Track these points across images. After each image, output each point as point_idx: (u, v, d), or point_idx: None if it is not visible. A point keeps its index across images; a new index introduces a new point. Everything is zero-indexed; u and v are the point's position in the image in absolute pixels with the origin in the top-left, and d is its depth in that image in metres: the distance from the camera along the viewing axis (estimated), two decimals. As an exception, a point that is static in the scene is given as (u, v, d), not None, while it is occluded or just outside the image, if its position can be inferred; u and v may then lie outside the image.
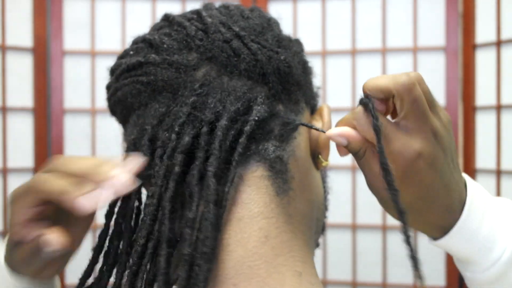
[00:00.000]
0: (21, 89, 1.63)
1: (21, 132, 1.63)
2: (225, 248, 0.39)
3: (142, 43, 0.45)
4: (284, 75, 0.43)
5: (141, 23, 1.70)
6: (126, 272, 0.39)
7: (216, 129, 0.40)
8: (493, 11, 1.50)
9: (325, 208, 0.50)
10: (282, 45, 0.45)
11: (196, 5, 1.76)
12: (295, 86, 0.45)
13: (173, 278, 0.38)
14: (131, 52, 0.46)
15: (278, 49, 0.44)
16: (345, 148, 0.42)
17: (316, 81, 0.50)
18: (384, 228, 1.64)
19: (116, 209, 0.44)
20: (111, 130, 1.70)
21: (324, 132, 0.44)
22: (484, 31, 1.54)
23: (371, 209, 1.63)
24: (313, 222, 0.45)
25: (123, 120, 0.47)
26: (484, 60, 1.54)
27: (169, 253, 0.38)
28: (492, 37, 1.51)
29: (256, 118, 0.40)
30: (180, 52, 0.42)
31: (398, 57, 1.64)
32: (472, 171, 1.55)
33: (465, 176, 0.45)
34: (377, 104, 0.39)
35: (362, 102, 0.40)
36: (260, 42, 0.43)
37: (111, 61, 0.51)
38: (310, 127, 0.44)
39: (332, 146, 0.46)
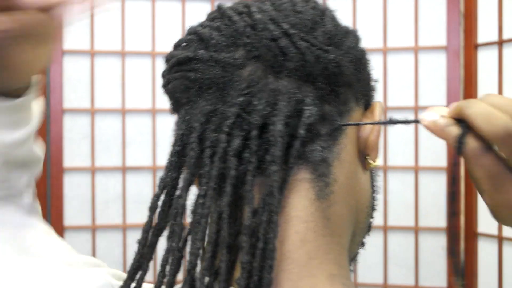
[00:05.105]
0: (20, 89, 1.62)
1: (20, 132, 1.62)
2: None
3: (194, 35, 0.44)
4: (333, 76, 0.41)
5: (140, 22, 1.69)
6: (183, 273, 0.39)
7: (270, 134, 0.39)
8: (494, 11, 1.50)
9: (372, 209, 0.48)
10: (333, 42, 0.42)
11: (196, 5, 1.76)
12: (344, 86, 0.43)
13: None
14: (184, 44, 0.45)
15: (328, 47, 0.42)
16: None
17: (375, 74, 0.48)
18: (385, 229, 1.63)
19: (159, 204, 0.42)
20: (111, 130, 1.69)
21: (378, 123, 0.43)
22: (485, 31, 1.53)
23: (372, 209, 1.62)
24: (352, 225, 0.44)
25: (174, 111, 0.46)
26: (485, 60, 1.53)
27: (230, 260, 0.38)
28: (494, 37, 1.50)
29: (309, 121, 0.39)
30: (228, 49, 0.41)
31: (399, 56, 1.64)
32: (473, 171, 1.54)
33: None
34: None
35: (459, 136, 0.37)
36: (309, 40, 0.41)
37: (110, 61, 0.50)
38: (355, 124, 0.43)
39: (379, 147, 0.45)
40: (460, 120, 0.38)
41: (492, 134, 0.35)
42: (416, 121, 0.41)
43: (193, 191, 0.41)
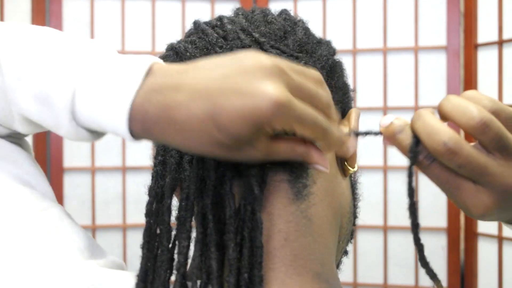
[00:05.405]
0: (20, 89, 1.62)
1: (20, 132, 1.62)
2: None
3: (171, 51, 0.46)
4: None
5: (140, 23, 1.69)
6: (175, 273, 0.40)
7: None
8: (494, 11, 1.50)
9: (354, 216, 0.49)
10: (304, 50, 0.44)
11: (196, 5, 1.76)
12: None
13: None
14: (162, 61, 0.47)
15: (299, 54, 0.43)
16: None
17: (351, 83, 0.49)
18: (385, 229, 1.63)
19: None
20: (111, 130, 1.69)
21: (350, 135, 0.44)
22: (485, 31, 1.53)
23: (372, 209, 1.62)
24: (336, 228, 0.45)
25: None
26: (485, 60, 1.53)
27: (219, 258, 0.39)
28: (494, 37, 1.50)
29: None
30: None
31: (399, 56, 1.64)
32: (473, 171, 1.54)
33: None
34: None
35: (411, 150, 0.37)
36: (280, 47, 0.42)
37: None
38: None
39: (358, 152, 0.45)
40: None
41: (433, 151, 0.36)
42: (380, 133, 0.40)
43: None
